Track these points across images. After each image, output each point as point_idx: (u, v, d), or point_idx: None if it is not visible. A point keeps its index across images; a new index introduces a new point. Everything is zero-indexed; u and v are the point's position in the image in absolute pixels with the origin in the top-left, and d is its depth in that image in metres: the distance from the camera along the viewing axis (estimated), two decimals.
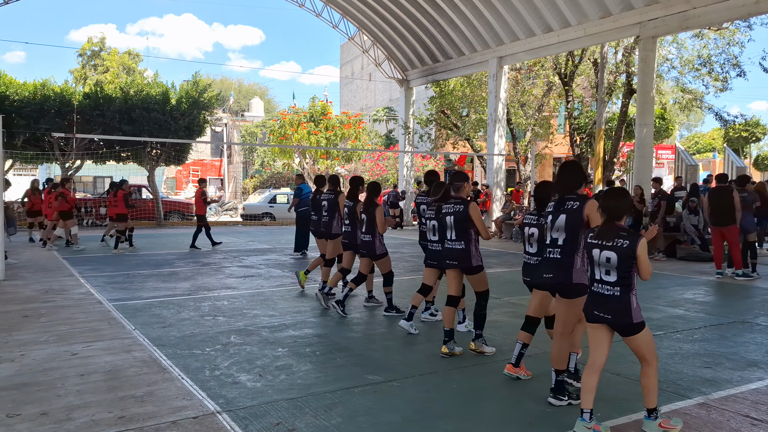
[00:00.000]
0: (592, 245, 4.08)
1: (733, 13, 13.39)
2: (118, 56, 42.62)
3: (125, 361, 5.55)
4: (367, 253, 7.54)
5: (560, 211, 4.60)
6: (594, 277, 4.09)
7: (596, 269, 4.06)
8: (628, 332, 3.97)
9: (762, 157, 33.04)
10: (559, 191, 4.70)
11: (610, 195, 4.13)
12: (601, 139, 19.75)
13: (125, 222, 14.36)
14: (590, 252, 4.10)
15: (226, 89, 58.99)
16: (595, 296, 4.07)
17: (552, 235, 4.66)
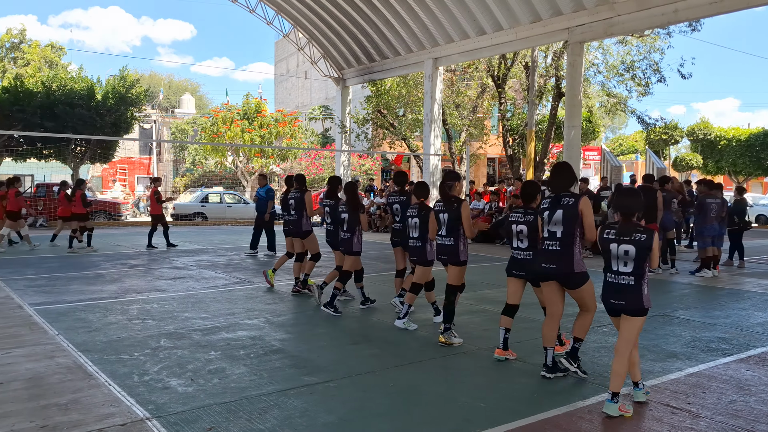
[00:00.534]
0: (610, 240, 4.48)
1: (654, 21, 14.05)
2: (39, 49, 40.60)
3: (48, 367, 5.28)
4: (346, 251, 7.79)
5: (557, 207, 5.04)
6: (611, 269, 4.49)
7: (613, 261, 4.47)
8: (638, 314, 4.43)
9: (680, 159, 34.80)
10: (555, 189, 5.16)
11: (623, 195, 4.55)
12: (532, 140, 20.32)
13: (85, 221, 14.48)
14: (607, 246, 4.49)
15: (156, 85, 57.24)
16: (610, 286, 4.50)
17: (549, 229, 5.06)
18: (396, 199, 7.87)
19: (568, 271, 4.98)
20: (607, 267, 4.54)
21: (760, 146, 31.21)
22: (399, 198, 7.82)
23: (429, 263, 6.90)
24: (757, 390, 4.95)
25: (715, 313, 7.87)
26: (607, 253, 4.52)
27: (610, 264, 4.50)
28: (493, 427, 4.14)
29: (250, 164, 30.88)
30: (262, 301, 8.40)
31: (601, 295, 4.58)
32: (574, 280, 5.01)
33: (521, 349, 6.09)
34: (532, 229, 5.44)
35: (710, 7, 12.79)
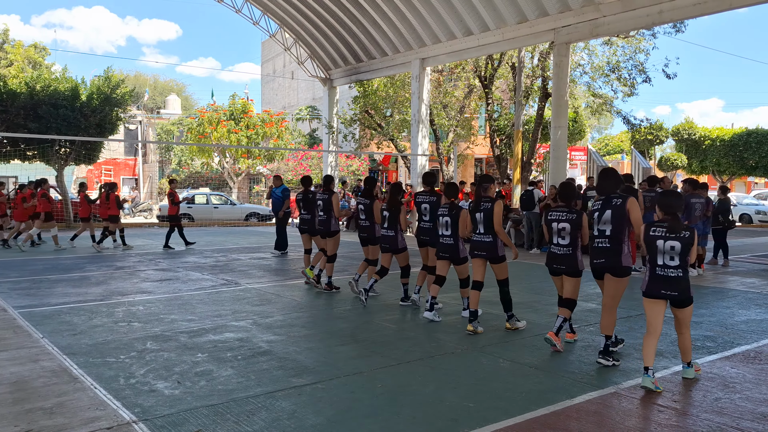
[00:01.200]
0: (657, 237, 4.97)
1: (639, 22, 14.16)
2: (23, 49, 40.17)
3: (33, 371, 5.22)
4: (390, 248, 8.20)
5: (606, 207, 5.60)
6: (656, 263, 4.98)
7: (659, 256, 4.96)
8: (686, 304, 4.98)
9: (665, 159, 35.10)
10: (602, 192, 5.71)
11: (668, 196, 5.15)
12: (519, 141, 20.40)
13: (117, 223, 14.96)
14: (654, 242, 4.98)
15: (141, 85, 56.83)
16: (659, 278, 4.97)
17: (599, 228, 5.65)
18: (425, 199, 7.98)
19: (616, 264, 5.55)
20: (653, 261, 5.00)
21: (744, 146, 31.56)
22: (429, 198, 7.95)
23: (463, 260, 7.24)
24: (741, 387, 5.00)
25: (700, 312, 7.94)
26: (652, 248, 4.99)
27: (656, 258, 4.98)
28: (482, 426, 4.14)
29: (236, 165, 30.75)
30: (249, 302, 8.36)
31: (648, 287, 5.02)
32: (621, 272, 5.57)
33: (509, 349, 6.12)
34: (575, 227, 5.96)
35: (694, 8, 12.92)
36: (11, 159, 21.85)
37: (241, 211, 26.10)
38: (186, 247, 15.24)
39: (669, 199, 5.07)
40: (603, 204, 5.66)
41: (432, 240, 7.77)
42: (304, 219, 9.79)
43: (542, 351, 6.01)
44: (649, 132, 34.27)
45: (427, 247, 7.97)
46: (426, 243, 8.00)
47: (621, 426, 4.19)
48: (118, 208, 15.04)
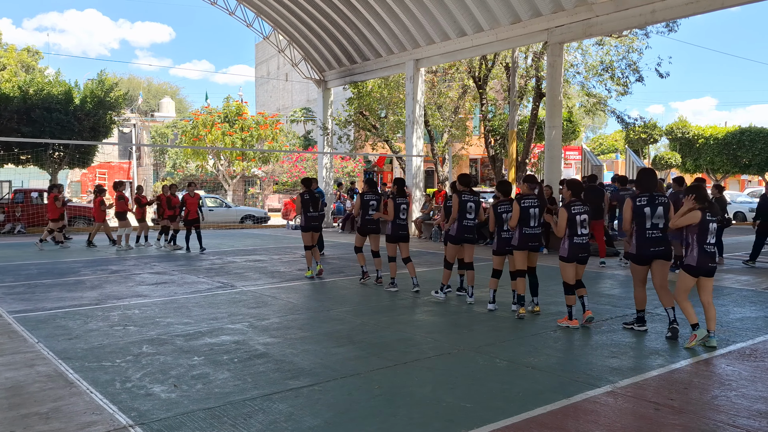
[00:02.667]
0: (710, 221, 6.00)
1: (632, 22, 14.21)
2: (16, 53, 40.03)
3: (28, 376, 5.20)
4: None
5: (656, 205, 6.48)
6: (706, 242, 6.00)
7: (709, 236, 5.99)
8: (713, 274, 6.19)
9: (659, 157, 35.21)
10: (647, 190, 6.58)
11: (699, 188, 6.16)
12: (513, 141, 20.43)
13: (175, 222, 15.66)
14: (707, 225, 5.98)
15: (135, 88, 56.69)
16: (708, 254, 6.03)
17: (653, 222, 6.48)
18: (469, 198, 8.38)
19: (669, 250, 6.55)
20: (703, 241, 5.99)
21: (737, 144, 31.69)
22: (472, 198, 8.43)
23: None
24: (737, 385, 5.02)
25: (695, 310, 7.95)
26: (705, 230, 5.97)
27: (706, 238, 5.98)
28: (479, 426, 4.15)
29: (231, 167, 30.71)
30: (246, 305, 8.35)
31: (698, 263, 6.03)
32: (670, 257, 6.59)
33: (505, 349, 6.12)
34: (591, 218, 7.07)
35: (686, 7, 12.97)
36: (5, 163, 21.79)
37: (236, 213, 26.07)
38: (185, 250, 15.20)
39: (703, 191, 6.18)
40: (650, 201, 6.51)
41: (475, 238, 8.55)
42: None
43: (539, 351, 6.02)
44: (643, 131, 34.39)
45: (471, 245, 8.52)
46: (470, 241, 8.50)
47: (618, 424, 4.20)
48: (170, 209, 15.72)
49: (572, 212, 6.83)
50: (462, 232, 8.35)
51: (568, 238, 6.86)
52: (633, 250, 6.58)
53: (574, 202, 6.90)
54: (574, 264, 6.90)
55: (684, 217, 6.02)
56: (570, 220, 6.82)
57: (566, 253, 6.88)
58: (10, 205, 21.09)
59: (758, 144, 31.05)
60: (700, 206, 6.01)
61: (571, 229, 6.83)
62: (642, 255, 6.51)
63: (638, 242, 6.51)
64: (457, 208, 8.31)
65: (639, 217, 6.47)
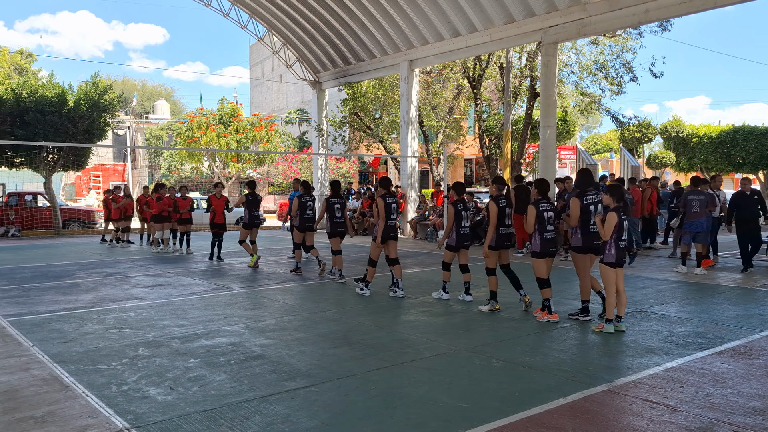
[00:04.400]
0: (624, 219, 6.56)
1: (626, 21, 14.25)
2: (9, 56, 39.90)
3: (23, 380, 5.18)
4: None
5: (597, 203, 7.08)
6: (621, 239, 6.57)
7: (623, 233, 6.59)
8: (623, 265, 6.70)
9: (653, 156, 35.30)
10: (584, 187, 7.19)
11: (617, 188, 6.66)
12: (508, 141, 20.46)
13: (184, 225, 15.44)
14: (622, 223, 6.55)
15: (129, 90, 56.53)
16: (621, 249, 6.60)
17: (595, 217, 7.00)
18: (504, 203, 7.96)
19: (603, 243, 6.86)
20: (618, 238, 6.53)
21: (731, 143, 31.79)
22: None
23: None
24: (732, 383, 5.04)
25: (690, 308, 8.00)
26: (621, 228, 6.52)
27: (621, 235, 6.54)
28: (476, 426, 4.15)
29: (226, 169, 30.65)
30: (242, 307, 8.34)
31: (616, 259, 6.56)
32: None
33: (502, 349, 6.13)
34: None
35: (680, 6, 13.01)
36: None
37: (232, 215, 25.99)
38: (186, 252, 15.23)
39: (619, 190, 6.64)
40: (597, 198, 7.09)
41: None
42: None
43: (535, 350, 6.03)
44: (638, 130, 34.46)
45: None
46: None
47: (614, 423, 4.21)
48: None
49: (540, 209, 7.23)
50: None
51: (539, 234, 7.25)
52: (579, 243, 7.16)
53: (541, 200, 7.33)
54: (546, 259, 7.29)
55: (608, 225, 6.53)
56: (539, 217, 7.21)
57: (538, 249, 7.28)
58: (4, 208, 21.00)
59: (752, 142, 31.16)
60: (614, 207, 6.55)
61: (540, 226, 7.23)
62: (587, 247, 7.15)
63: (583, 236, 7.11)
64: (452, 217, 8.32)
65: (585, 214, 7.05)
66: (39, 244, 17.83)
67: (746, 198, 11.17)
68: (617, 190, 6.63)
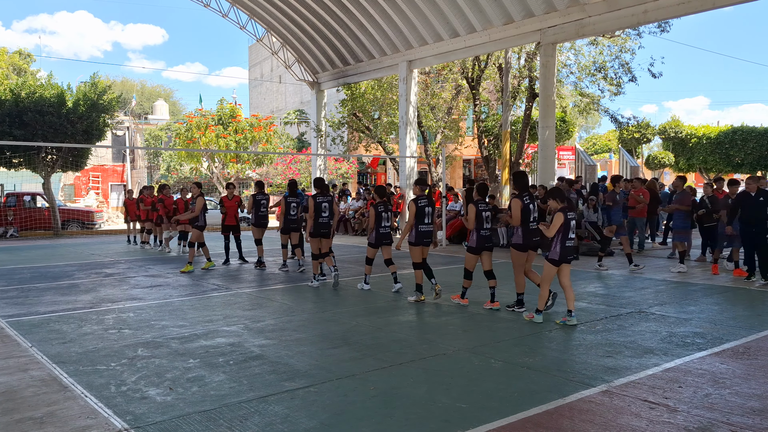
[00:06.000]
0: (570, 218, 6.98)
1: (624, 22, 14.27)
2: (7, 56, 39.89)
3: (22, 380, 5.18)
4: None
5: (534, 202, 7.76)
6: (568, 237, 6.97)
7: (570, 232, 6.96)
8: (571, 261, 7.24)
9: (652, 157, 35.34)
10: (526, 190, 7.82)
11: (558, 190, 7.21)
12: (507, 141, 20.48)
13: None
14: (569, 223, 6.96)
15: (128, 91, 56.52)
16: (568, 248, 7.01)
17: (534, 216, 7.69)
18: (424, 203, 8.55)
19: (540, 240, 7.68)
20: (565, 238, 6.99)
21: (730, 143, 31.84)
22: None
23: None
24: (731, 383, 5.04)
25: (689, 309, 8.01)
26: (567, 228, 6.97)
27: (568, 234, 6.99)
28: (475, 427, 4.15)
29: (225, 170, 30.63)
30: (241, 307, 8.34)
31: (560, 257, 7.04)
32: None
33: (501, 349, 6.13)
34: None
35: (678, 7, 13.03)
36: None
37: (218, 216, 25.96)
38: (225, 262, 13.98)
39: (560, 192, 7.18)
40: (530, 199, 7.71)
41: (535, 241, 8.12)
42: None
43: (534, 351, 6.04)
44: (637, 130, 34.49)
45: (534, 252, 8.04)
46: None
47: (613, 423, 4.22)
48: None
49: (479, 209, 7.90)
50: (529, 238, 7.81)
51: (476, 231, 7.93)
52: (519, 241, 7.68)
53: (481, 201, 8.02)
54: (482, 253, 7.99)
55: (553, 225, 6.94)
56: (478, 216, 7.89)
57: (475, 244, 7.97)
58: (2, 209, 20.98)
59: (750, 143, 31.21)
60: (560, 207, 7.02)
61: (478, 224, 7.88)
62: (527, 244, 7.67)
63: (524, 234, 7.67)
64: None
65: (525, 213, 7.59)
66: (38, 245, 17.82)
67: (750, 199, 10.03)
68: (559, 192, 7.16)
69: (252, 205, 12.38)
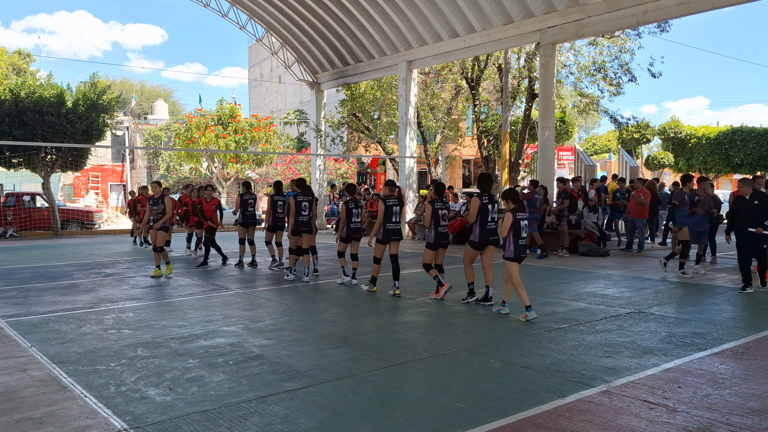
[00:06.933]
0: (520, 219, 7.39)
1: (624, 22, 14.28)
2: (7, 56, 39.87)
3: (21, 381, 5.18)
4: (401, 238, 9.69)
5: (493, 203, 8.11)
6: (520, 237, 7.41)
7: (522, 232, 7.40)
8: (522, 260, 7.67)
9: (652, 157, 35.32)
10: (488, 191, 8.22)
11: (512, 192, 7.55)
12: (506, 142, 20.48)
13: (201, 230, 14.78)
14: (519, 223, 7.38)
15: (128, 91, 56.50)
16: (521, 246, 7.42)
17: (492, 215, 8.03)
18: (392, 202, 9.21)
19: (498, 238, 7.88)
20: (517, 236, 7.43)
21: (729, 144, 31.84)
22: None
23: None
24: (730, 383, 5.04)
25: (689, 309, 8.01)
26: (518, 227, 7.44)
27: (520, 234, 7.43)
28: (474, 427, 4.15)
29: (225, 170, 30.63)
30: (240, 307, 8.34)
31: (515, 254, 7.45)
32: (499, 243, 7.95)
33: (500, 349, 6.13)
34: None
35: (678, 8, 13.04)
36: None
37: (230, 215, 26.00)
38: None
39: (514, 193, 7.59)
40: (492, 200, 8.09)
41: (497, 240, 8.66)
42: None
43: (533, 351, 6.04)
44: (636, 131, 34.48)
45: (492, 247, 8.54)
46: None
47: (612, 424, 4.22)
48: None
49: (435, 208, 8.48)
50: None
51: (434, 228, 8.53)
52: (476, 239, 8.02)
53: (436, 200, 8.60)
54: (439, 249, 8.63)
55: (504, 224, 7.35)
56: (434, 214, 8.46)
57: (432, 240, 8.57)
58: (2, 209, 20.97)
59: (750, 143, 31.20)
60: (511, 208, 7.39)
61: (435, 221, 8.49)
62: (483, 242, 8.03)
63: (481, 232, 7.98)
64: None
65: (483, 212, 7.93)
66: (37, 245, 17.82)
67: (745, 202, 9.24)
68: (512, 193, 7.54)
69: (239, 204, 12.56)
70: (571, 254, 14.11)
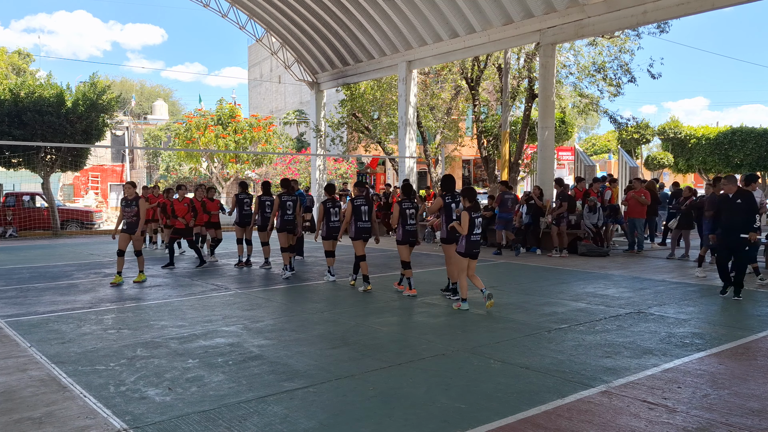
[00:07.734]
0: (476, 217, 7.86)
1: (624, 23, 14.28)
2: (6, 56, 39.86)
3: (20, 381, 5.17)
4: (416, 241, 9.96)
5: (457, 202, 8.53)
6: (473, 233, 7.85)
7: (475, 229, 7.86)
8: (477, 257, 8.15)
9: (652, 158, 35.32)
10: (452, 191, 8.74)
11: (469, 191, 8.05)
12: (506, 142, 20.49)
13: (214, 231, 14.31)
14: (474, 221, 7.84)
15: (127, 91, 56.50)
16: (474, 243, 7.88)
17: (455, 215, 8.44)
18: (360, 202, 9.70)
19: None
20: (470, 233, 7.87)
21: (729, 144, 31.84)
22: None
23: None
24: (730, 383, 5.05)
25: (688, 309, 8.01)
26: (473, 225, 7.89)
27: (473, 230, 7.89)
28: (474, 427, 4.15)
29: (224, 170, 30.63)
30: (240, 307, 8.34)
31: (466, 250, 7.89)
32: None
33: (500, 350, 6.13)
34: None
35: (677, 8, 13.05)
36: None
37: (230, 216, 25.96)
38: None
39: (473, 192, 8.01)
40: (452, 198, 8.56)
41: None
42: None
43: (533, 351, 6.04)
44: (636, 131, 34.48)
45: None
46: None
47: (612, 424, 4.22)
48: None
49: (403, 207, 9.04)
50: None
51: (402, 226, 9.03)
52: (444, 235, 8.62)
53: (405, 200, 9.14)
54: (406, 246, 9.08)
55: (463, 223, 7.78)
56: (402, 213, 9.02)
57: (401, 238, 9.06)
58: (1, 209, 20.97)
59: (750, 144, 31.21)
60: (467, 207, 7.81)
61: (402, 219, 9.01)
62: (450, 238, 8.51)
63: (449, 230, 8.48)
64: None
65: (447, 210, 8.54)
66: (37, 245, 17.81)
67: (728, 201, 8.68)
68: (470, 192, 7.94)
69: (235, 204, 12.70)
70: (570, 254, 14.12)
